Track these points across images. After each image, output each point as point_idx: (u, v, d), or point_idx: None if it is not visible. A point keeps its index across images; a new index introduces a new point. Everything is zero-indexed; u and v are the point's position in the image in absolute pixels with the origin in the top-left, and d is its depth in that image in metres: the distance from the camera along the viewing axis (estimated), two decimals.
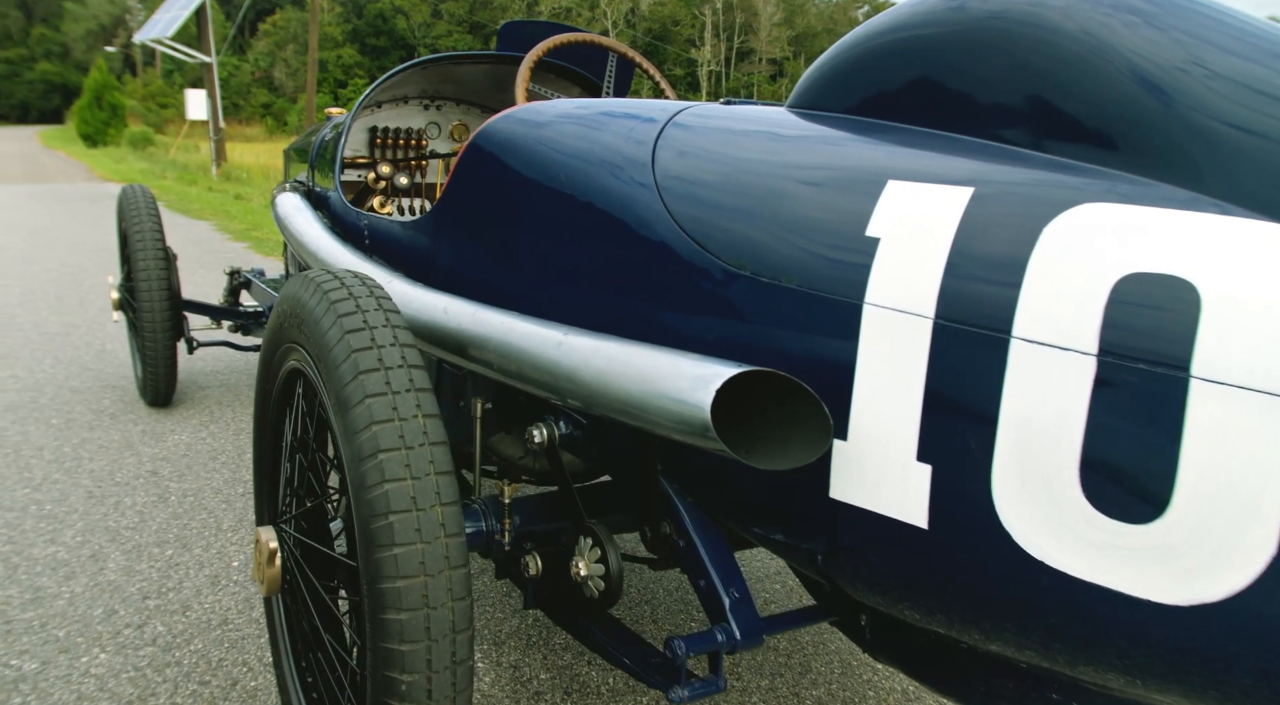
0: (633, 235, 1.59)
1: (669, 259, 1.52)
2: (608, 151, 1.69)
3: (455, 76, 3.41)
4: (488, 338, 1.67)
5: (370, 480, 1.38)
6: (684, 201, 1.53)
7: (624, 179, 1.63)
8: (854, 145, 1.44)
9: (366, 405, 1.41)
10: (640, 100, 1.88)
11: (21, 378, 4.71)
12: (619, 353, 1.42)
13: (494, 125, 1.94)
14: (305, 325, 1.60)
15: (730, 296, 1.44)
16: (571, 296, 1.71)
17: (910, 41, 1.44)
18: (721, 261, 1.45)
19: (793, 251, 1.37)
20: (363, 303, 1.55)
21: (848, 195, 1.34)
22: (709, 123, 1.65)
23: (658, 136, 1.65)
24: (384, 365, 1.46)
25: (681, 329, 1.51)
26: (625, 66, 3.07)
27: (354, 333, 1.49)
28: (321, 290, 1.59)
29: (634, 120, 1.71)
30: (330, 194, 2.99)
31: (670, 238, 1.53)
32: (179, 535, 3.00)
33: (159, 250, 3.94)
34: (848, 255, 1.29)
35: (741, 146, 1.55)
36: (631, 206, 1.60)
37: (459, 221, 2.04)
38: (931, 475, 1.21)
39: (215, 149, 19.91)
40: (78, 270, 7.97)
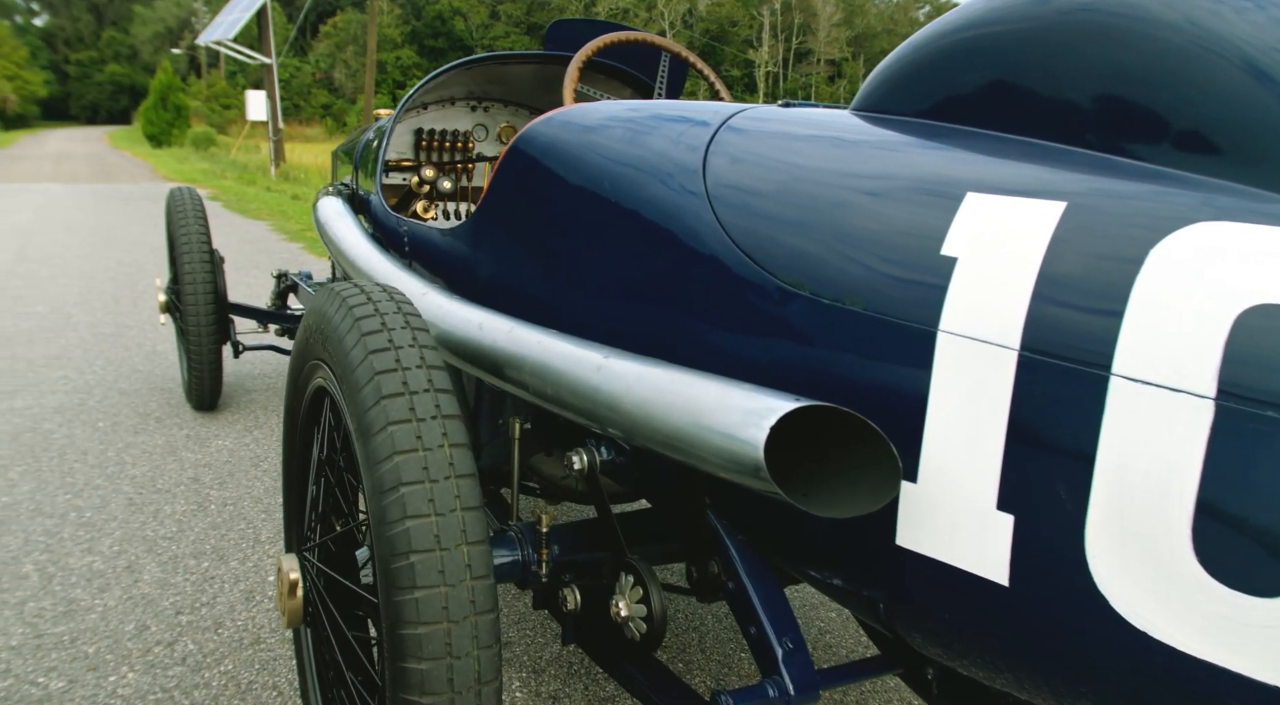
0: (681, 248, 1.46)
1: (719, 274, 1.40)
2: (656, 157, 1.56)
3: (503, 77, 3.31)
4: (523, 358, 1.55)
5: (391, 516, 1.27)
6: (737, 212, 1.41)
7: (673, 187, 1.51)
8: (927, 152, 1.30)
9: (389, 433, 1.30)
10: (692, 102, 1.75)
11: (72, 379, 4.71)
12: (664, 380, 1.29)
13: (536, 128, 1.82)
14: (329, 342, 1.50)
15: (786, 318, 1.31)
16: (614, 312, 1.59)
17: (989, 38, 1.29)
18: (777, 279, 1.32)
19: (857, 270, 1.23)
20: (389, 319, 1.44)
21: (921, 208, 1.20)
22: (766, 127, 1.52)
23: (710, 141, 1.52)
24: (409, 389, 1.35)
25: (731, 352, 1.38)
26: (679, 67, 2.94)
27: (378, 353, 1.38)
28: (346, 305, 1.48)
29: (685, 124, 1.59)
30: (372, 198, 2.90)
31: (721, 251, 1.40)
32: (216, 546, 2.93)
33: (205, 253, 3.89)
34: (920, 276, 1.16)
35: (801, 153, 1.42)
36: (680, 217, 1.48)
37: (498, 230, 1.93)
38: (1014, 527, 1.07)
39: (274, 149, 20.12)
40: (134, 270, 8.03)
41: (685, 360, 1.41)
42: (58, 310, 6.31)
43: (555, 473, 2.23)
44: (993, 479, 1.09)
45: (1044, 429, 1.03)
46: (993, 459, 1.08)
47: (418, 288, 1.98)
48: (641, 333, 1.53)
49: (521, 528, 1.78)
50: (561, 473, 2.25)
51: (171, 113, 33.64)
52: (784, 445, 1.17)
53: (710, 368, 1.36)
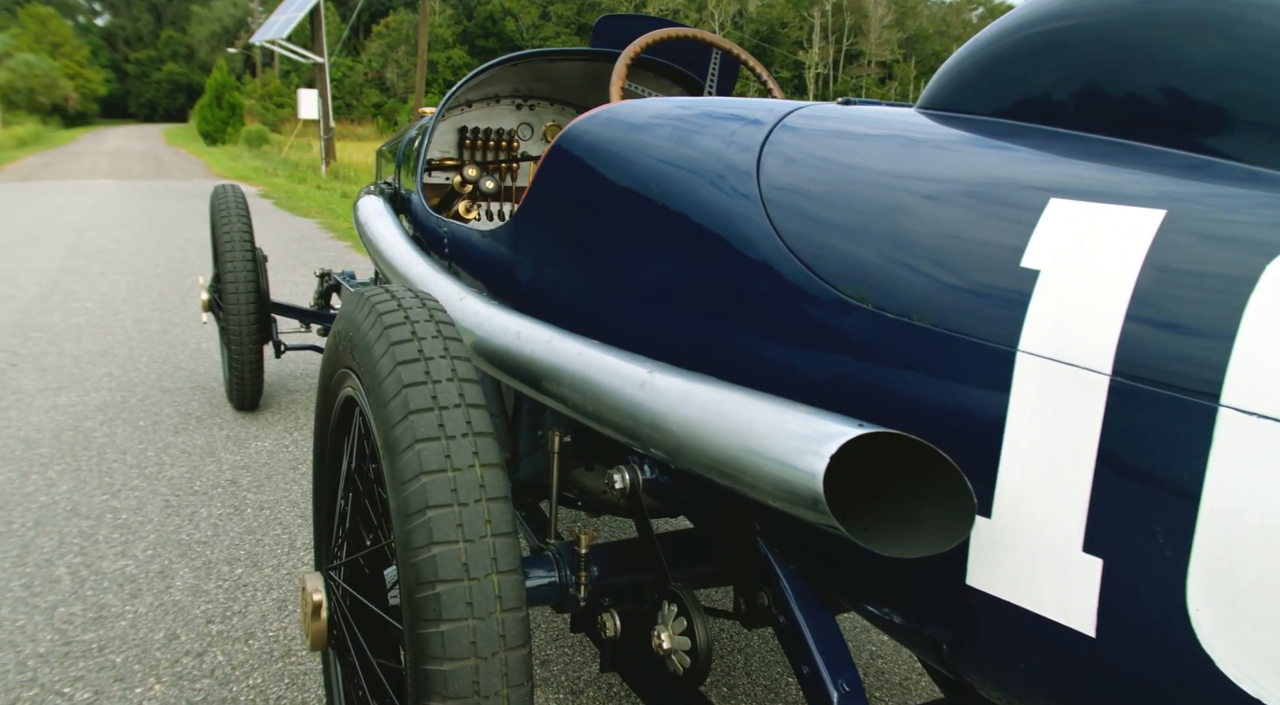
0: (732, 254, 1.36)
1: (773, 284, 1.29)
2: (706, 157, 1.46)
3: (549, 74, 3.22)
4: (562, 370, 1.46)
5: (416, 541, 1.18)
6: (793, 217, 1.30)
7: (724, 189, 1.41)
8: (1004, 154, 1.18)
9: (416, 451, 1.22)
10: (744, 99, 1.65)
11: (116, 376, 4.70)
12: (712, 399, 1.19)
13: (580, 126, 1.73)
14: (357, 351, 1.42)
15: (845, 333, 1.20)
16: (659, 322, 1.49)
17: (1073, 30, 1.18)
18: (836, 290, 1.21)
19: (926, 283, 1.12)
20: (419, 328, 1.35)
21: (999, 216, 1.09)
22: (824, 126, 1.41)
23: (764, 141, 1.41)
24: (438, 404, 1.26)
25: (785, 368, 1.28)
26: (729, 65, 2.84)
27: (407, 364, 1.29)
28: (375, 312, 1.40)
29: (737, 122, 1.48)
30: (413, 197, 2.83)
31: (775, 259, 1.29)
32: (250, 552, 2.88)
33: (247, 252, 3.85)
34: (998, 290, 1.04)
35: (864, 154, 1.31)
36: (731, 221, 1.37)
37: (539, 232, 1.84)
38: (1102, 572, 0.96)
39: (325, 148, 20.26)
40: (183, 266, 8.07)
41: (735, 376, 1.31)
42: (106, 306, 6.33)
43: (596, 486, 2.14)
44: (1078, 518, 0.97)
45: (1140, 464, 0.91)
46: (1079, 495, 0.97)
47: (454, 292, 1.90)
48: (688, 345, 1.43)
49: (560, 548, 1.68)
50: (602, 487, 2.16)
51: (226, 111, 34.06)
52: (844, 474, 1.06)
53: (762, 385, 1.26)
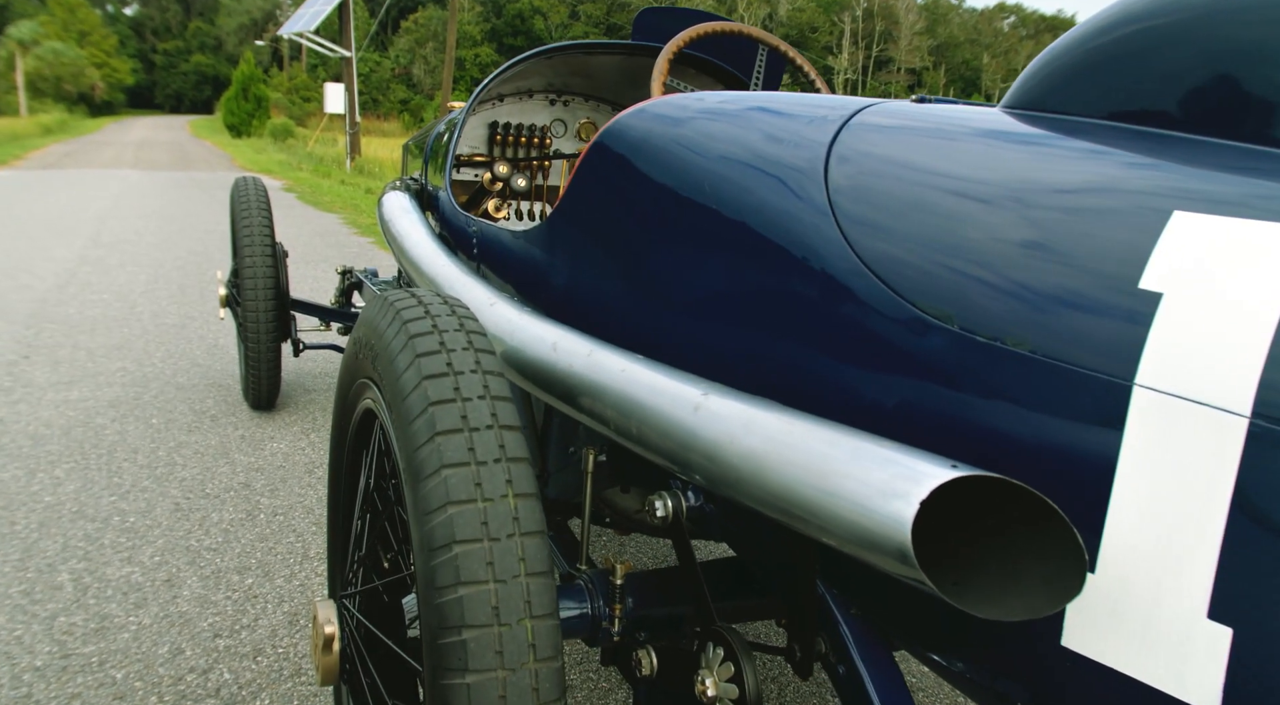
0: (796, 266, 1.22)
1: (842, 299, 1.16)
2: (767, 157, 1.32)
3: (586, 68, 3.09)
4: (604, 387, 1.32)
5: (441, 580, 1.05)
6: (867, 227, 1.16)
7: (787, 193, 1.27)
8: (1118, 161, 1.04)
9: (442, 478, 1.08)
10: (807, 95, 1.51)
11: (130, 371, 4.60)
12: (779, 428, 1.05)
13: (624, 121, 1.59)
14: (379, 361, 1.28)
15: (927, 358, 1.06)
16: (712, 338, 1.36)
17: (1198, 21, 1.04)
18: (916, 308, 1.07)
19: (1023, 303, 0.98)
20: (449, 338, 1.22)
21: (1112, 230, 0.95)
22: (900, 125, 1.27)
23: (832, 141, 1.28)
24: (468, 425, 1.12)
25: (855, 394, 1.14)
26: (776, 63, 2.70)
27: (434, 379, 1.16)
28: (400, 319, 1.27)
29: (802, 119, 1.35)
30: (441, 194, 2.70)
31: (846, 272, 1.16)
32: (262, 561, 2.75)
33: (267, 246, 3.73)
34: (1111, 313, 0.90)
35: (948, 157, 1.17)
36: (796, 229, 1.24)
37: (577, 235, 1.70)
38: (1232, 643, 0.82)
39: (350, 143, 20.22)
40: (204, 259, 7.98)
41: (798, 401, 1.17)
42: (123, 298, 6.24)
43: (630, 507, 2.01)
44: (1203, 579, 0.83)
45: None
46: (1205, 554, 0.83)
47: (484, 297, 1.77)
48: (744, 363, 1.29)
49: (592, 577, 1.55)
50: (638, 508, 2.02)
51: (252, 104, 34.15)
52: (931, 520, 0.93)
53: (829, 412, 1.12)
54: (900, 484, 0.89)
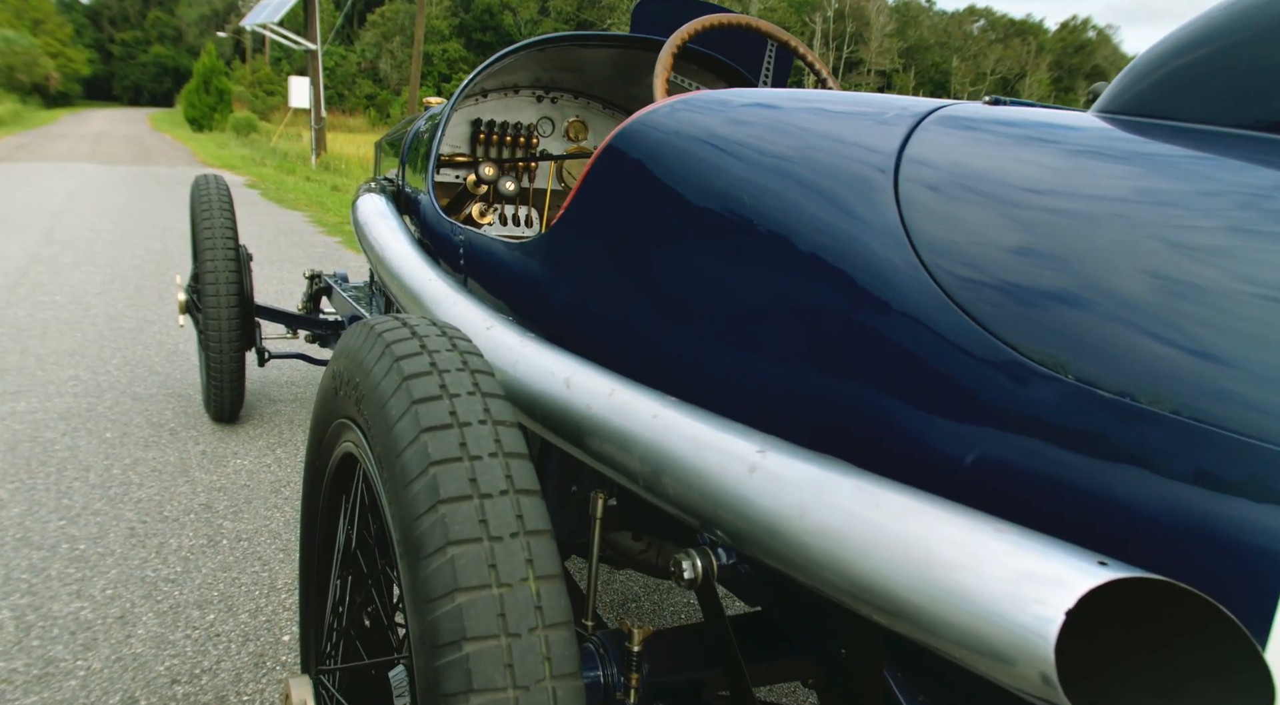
0: (862, 296, 1.03)
1: (922, 338, 0.97)
2: (821, 166, 1.13)
3: (576, 63, 2.88)
4: (631, 436, 1.13)
5: (449, 685, 0.86)
6: (949, 252, 0.97)
7: (849, 209, 1.08)
8: (1269, 176, 0.86)
9: (449, 558, 0.89)
10: (860, 93, 1.32)
11: (83, 380, 4.33)
12: (863, 500, 0.86)
13: (645, 121, 1.40)
14: (366, 405, 1.08)
15: (1033, 412, 0.87)
16: (758, 376, 1.16)
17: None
18: (1017, 352, 0.88)
19: (1165, 353, 0.80)
20: (451, 380, 1.02)
21: (1274, 257, 0.77)
22: (983, 130, 1.09)
23: (902, 148, 1.09)
24: (479, 490, 0.93)
25: (945, 455, 0.95)
26: (784, 58, 2.51)
27: (435, 432, 0.96)
28: (391, 354, 1.06)
29: (862, 122, 1.16)
30: (421, 197, 2.49)
31: (925, 305, 0.97)
32: (225, 593, 2.53)
33: (230, 249, 3.50)
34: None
35: (1049, 171, 0.99)
36: (861, 252, 1.05)
37: (586, 249, 1.51)
38: None
39: (315, 138, 19.84)
40: (163, 258, 7.68)
41: (870, 459, 0.98)
42: (77, 300, 5.95)
43: (635, 546, 1.82)
44: None
45: None
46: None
47: (479, 319, 1.56)
48: (801, 411, 1.10)
49: (604, 640, 1.36)
50: (643, 545, 1.83)
51: (214, 97, 33.54)
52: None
53: (911, 477, 0.93)
54: (1036, 586, 0.71)
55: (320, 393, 1.31)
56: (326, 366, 1.28)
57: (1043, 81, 70.99)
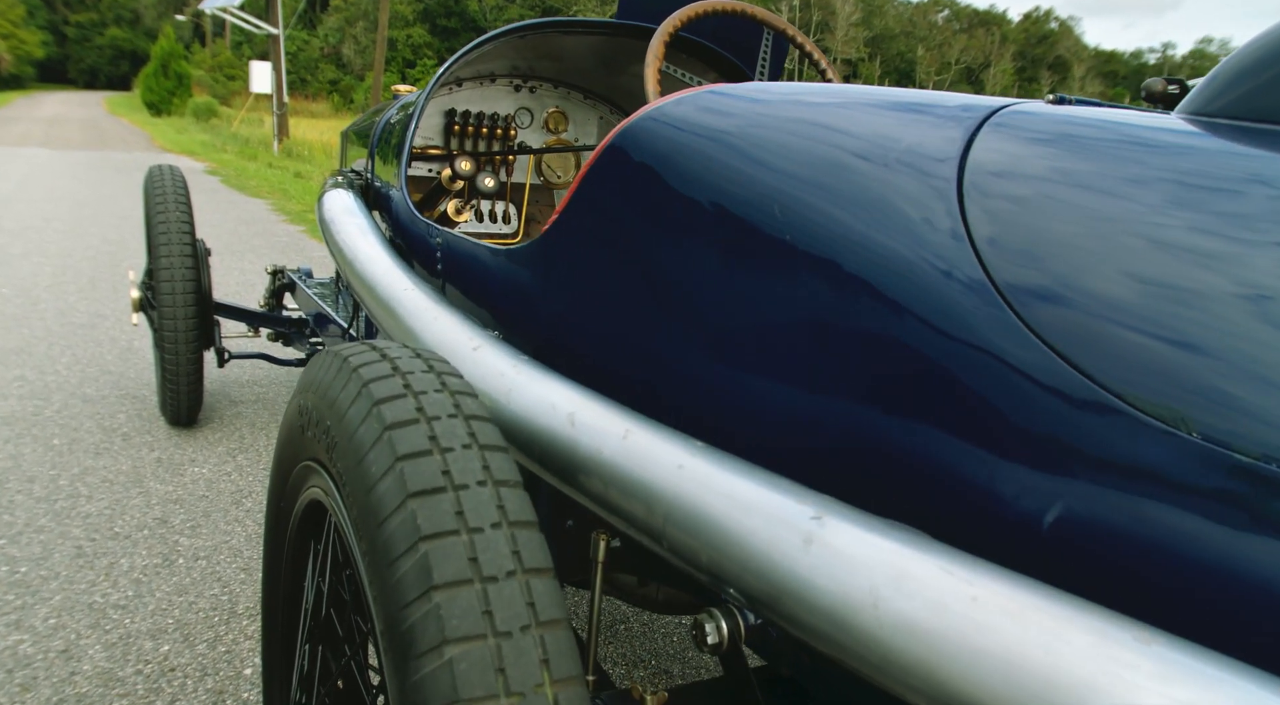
0: (925, 326, 0.88)
1: (999, 378, 0.81)
2: (871, 175, 0.97)
3: (556, 50, 2.70)
4: (654, 491, 0.96)
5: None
6: (1032, 279, 0.82)
7: (906, 225, 0.92)
8: None
9: (446, 661, 0.72)
10: (908, 91, 1.15)
11: (30, 381, 4.10)
12: (959, 593, 0.70)
13: (657, 117, 1.23)
14: (340, 454, 0.91)
15: (1151, 478, 0.72)
16: (798, 414, 1.00)
17: None
18: (1125, 403, 0.73)
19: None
20: (443, 431, 0.85)
21: None
22: (1058, 134, 0.93)
23: (964, 153, 0.93)
24: (481, 574, 0.76)
25: (1022, 514, 0.80)
26: (780, 48, 2.35)
27: (426, 498, 0.79)
28: (370, 397, 0.89)
29: (915, 123, 1.00)
30: (393, 193, 2.31)
31: (1003, 340, 0.81)
32: (181, 620, 2.34)
33: (186, 244, 3.29)
34: None
35: (1153, 185, 0.83)
36: (921, 274, 0.89)
37: (587, 260, 1.34)
38: None
39: (278, 124, 19.46)
40: (119, 249, 7.41)
41: (937, 518, 0.83)
42: (25, 293, 5.69)
43: (630, 583, 1.66)
44: None
45: None
46: None
47: (464, 338, 1.39)
48: (856, 462, 0.94)
49: (607, 699, 1.20)
50: (639, 583, 1.67)
51: (173, 81, 32.88)
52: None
53: (982, 537, 0.78)
54: None
55: (284, 428, 1.14)
56: (291, 399, 1.11)
57: (1007, 71, 71.39)
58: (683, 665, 2.32)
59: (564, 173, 3.09)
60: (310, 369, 1.08)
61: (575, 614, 2.45)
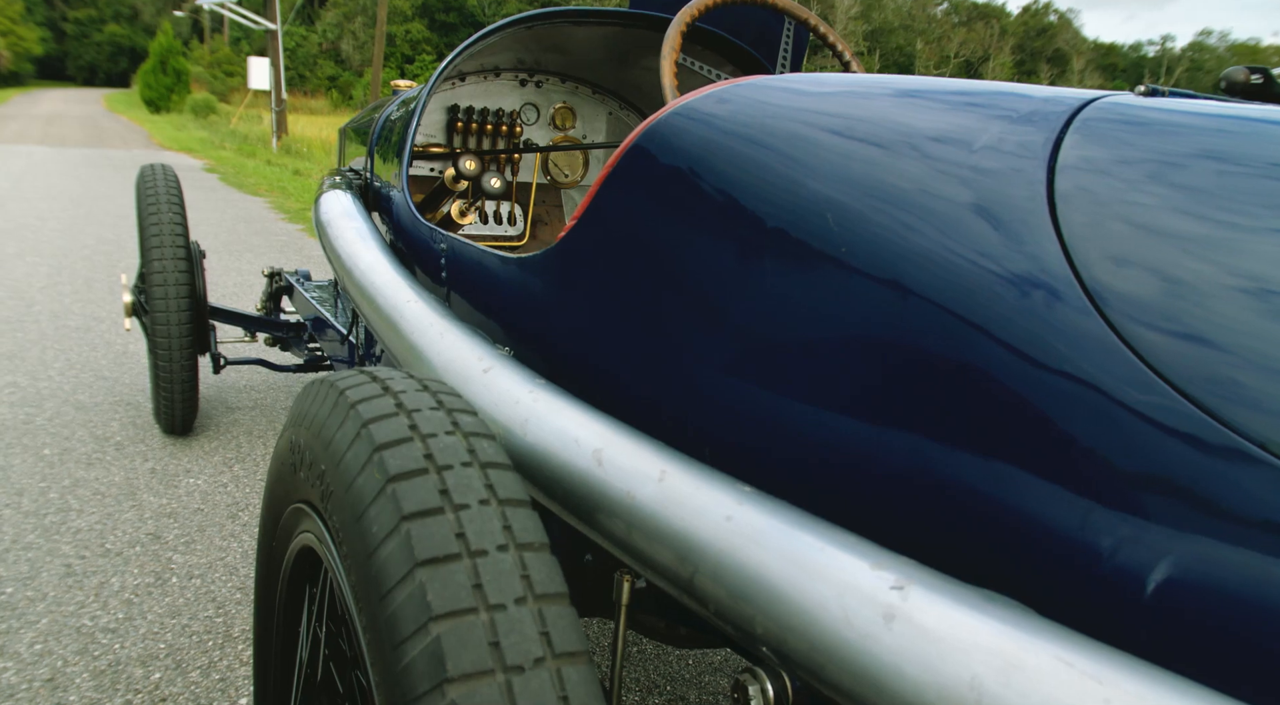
0: (1012, 358, 0.76)
1: (1113, 422, 0.69)
2: (944, 180, 0.85)
3: (564, 42, 2.58)
4: (697, 545, 0.84)
5: None
6: (1141, 296, 0.70)
7: (988, 238, 0.80)
8: None
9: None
10: (976, 82, 1.03)
11: (22, 387, 3.98)
12: (1089, 693, 0.58)
13: (688, 113, 1.11)
14: (335, 505, 0.79)
15: (1271, 519, 0.61)
16: (861, 453, 0.88)
17: None
18: (1268, 452, 0.61)
19: None
20: (455, 482, 0.74)
21: None
22: (1165, 131, 0.81)
23: (1053, 154, 0.81)
24: (504, 663, 0.65)
25: (1123, 573, 0.68)
26: (801, 39, 2.23)
27: (437, 566, 0.68)
28: (370, 439, 0.77)
29: (993, 119, 0.87)
30: (394, 194, 2.19)
31: (1113, 374, 0.70)
32: (173, 645, 2.23)
33: (179, 247, 3.17)
34: None
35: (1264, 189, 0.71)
36: (1009, 298, 0.77)
37: (610, 271, 1.22)
38: None
39: (276, 121, 19.31)
40: (115, 248, 7.28)
41: (1044, 595, 0.71)
42: (19, 295, 5.57)
43: (656, 623, 1.54)
44: None
45: None
46: None
47: (474, 358, 1.26)
48: (927, 510, 0.82)
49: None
50: (663, 625, 1.55)
51: (171, 77, 32.73)
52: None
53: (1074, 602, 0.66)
54: None
55: (274, 463, 1.02)
56: (282, 431, 0.99)
57: (1006, 65, 71.09)
58: (699, 691, 2.21)
59: (572, 171, 2.97)
60: (303, 399, 0.96)
61: (596, 645, 2.33)
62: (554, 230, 2.97)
